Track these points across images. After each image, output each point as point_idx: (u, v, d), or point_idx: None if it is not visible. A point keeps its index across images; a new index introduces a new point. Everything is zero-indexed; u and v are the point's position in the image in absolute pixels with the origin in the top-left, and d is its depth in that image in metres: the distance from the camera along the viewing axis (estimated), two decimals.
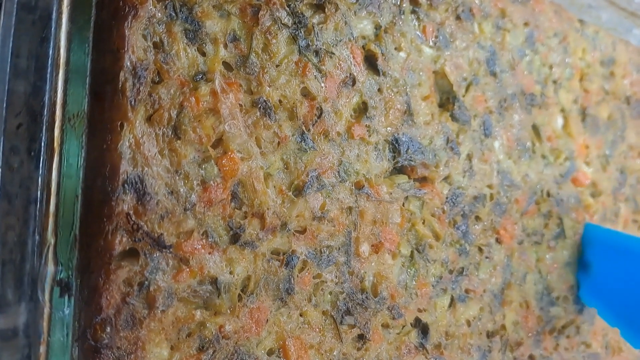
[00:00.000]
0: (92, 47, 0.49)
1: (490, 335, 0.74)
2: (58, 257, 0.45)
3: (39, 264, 0.44)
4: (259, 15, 0.57)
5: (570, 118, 0.83)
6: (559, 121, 0.82)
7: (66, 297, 0.45)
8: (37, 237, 0.44)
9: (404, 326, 0.66)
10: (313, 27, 0.60)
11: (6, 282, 0.44)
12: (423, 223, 0.68)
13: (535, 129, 0.79)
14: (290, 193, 0.58)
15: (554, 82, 0.81)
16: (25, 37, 0.45)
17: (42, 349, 0.44)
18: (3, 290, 0.44)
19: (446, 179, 0.70)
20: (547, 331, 0.80)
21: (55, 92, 0.45)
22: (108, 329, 0.48)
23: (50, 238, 0.44)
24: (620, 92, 0.90)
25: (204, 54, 0.54)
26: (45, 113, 0.44)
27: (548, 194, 0.80)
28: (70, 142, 0.46)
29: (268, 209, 0.57)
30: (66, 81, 0.45)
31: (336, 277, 0.61)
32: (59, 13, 0.46)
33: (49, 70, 0.45)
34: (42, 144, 0.44)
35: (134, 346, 0.49)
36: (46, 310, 0.44)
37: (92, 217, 0.49)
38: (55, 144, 0.45)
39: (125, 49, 0.50)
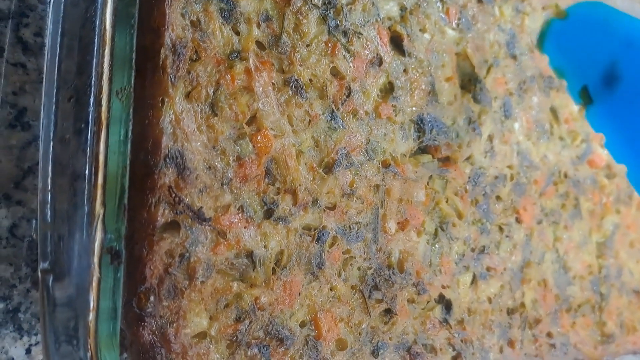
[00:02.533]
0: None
1: (510, 312, 0.75)
2: (107, 226, 0.46)
3: (89, 234, 0.45)
4: None
5: None
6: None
7: (115, 264, 0.46)
8: (86, 208, 0.45)
9: (428, 302, 0.68)
10: (342, 7, 0.61)
11: (59, 252, 0.45)
12: (446, 202, 0.70)
13: (553, 111, 0.80)
14: (320, 170, 0.60)
15: None
16: (73, 14, 0.46)
17: (92, 315, 0.45)
18: (57, 259, 0.45)
19: (468, 159, 0.71)
20: (564, 309, 0.81)
21: (102, 66, 0.46)
22: (152, 298, 0.50)
23: (100, 209, 0.45)
24: None
25: (238, 33, 0.56)
26: (93, 86, 0.45)
27: (565, 175, 0.81)
28: (117, 115, 0.47)
29: (300, 185, 0.58)
30: (112, 55, 0.47)
31: (364, 252, 0.63)
32: None
33: (95, 47, 0.46)
34: (91, 117, 0.45)
35: (176, 315, 0.51)
36: (95, 278, 0.45)
37: (135, 190, 0.50)
38: (103, 117, 0.46)
39: (166, 27, 0.51)
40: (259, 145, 0.56)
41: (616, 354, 0.88)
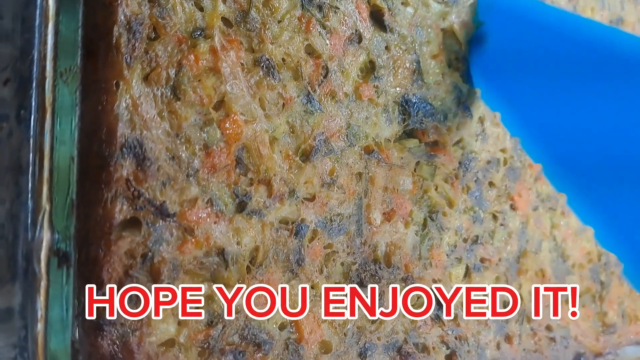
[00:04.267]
0: (83, 2, 0.46)
1: (506, 305, 0.71)
2: (54, 224, 0.41)
3: (34, 233, 0.40)
4: None
5: None
6: None
7: (65, 269, 0.42)
8: (30, 204, 0.40)
9: (419, 297, 0.64)
10: None
11: None
12: (436, 189, 0.66)
13: None
14: (297, 158, 0.56)
15: None
16: None
17: (40, 326, 0.41)
18: None
19: (458, 142, 0.67)
20: (563, 301, 0.78)
21: (45, 44, 0.41)
22: None
23: (45, 204, 0.41)
24: None
25: (201, 9, 0.51)
26: (35, 67, 0.41)
27: None
28: (63, 99, 0.42)
29: (275, 175, 0.54)
30: (56, 33, 0.42)
31: (348, 246, 0.59)
32: None
33: (37, 23, 0.41)
34: (33, 102, 0.41)
35: (139, 322, 0.47)
36: (43, 284, 0.40)
37: (89, 184, 0.46)
38: (47, 103, 0.41)
39: (119, 2, 0.47)
40: (228, 131, 0.52)
41: (619, 345, 0.85)
